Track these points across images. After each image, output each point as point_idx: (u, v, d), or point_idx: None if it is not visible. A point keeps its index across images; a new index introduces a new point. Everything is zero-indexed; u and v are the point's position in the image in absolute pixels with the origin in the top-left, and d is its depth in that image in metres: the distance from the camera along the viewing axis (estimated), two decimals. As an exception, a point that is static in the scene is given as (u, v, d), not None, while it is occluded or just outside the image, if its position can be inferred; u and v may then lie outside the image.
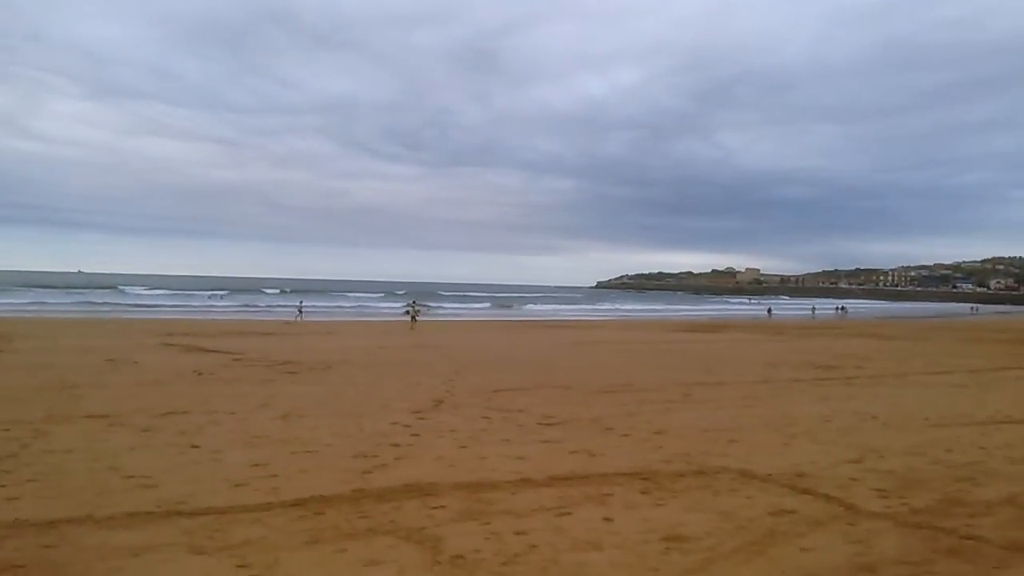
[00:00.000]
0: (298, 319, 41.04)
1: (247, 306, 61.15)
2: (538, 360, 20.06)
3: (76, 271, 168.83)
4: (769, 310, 74.46)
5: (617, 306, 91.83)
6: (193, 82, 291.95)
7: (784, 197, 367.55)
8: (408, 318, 37.87)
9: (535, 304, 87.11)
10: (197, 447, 8.23)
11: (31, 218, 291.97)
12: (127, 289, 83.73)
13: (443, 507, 5.98)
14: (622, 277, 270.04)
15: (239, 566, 4.67)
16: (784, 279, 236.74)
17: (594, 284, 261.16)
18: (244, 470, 7.17)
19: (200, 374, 15.15)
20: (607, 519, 5.74)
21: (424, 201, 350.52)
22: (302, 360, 18.18)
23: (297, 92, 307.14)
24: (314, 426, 9.64)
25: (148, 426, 9.40)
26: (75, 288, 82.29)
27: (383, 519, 5.66)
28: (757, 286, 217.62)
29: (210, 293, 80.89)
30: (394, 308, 61.99)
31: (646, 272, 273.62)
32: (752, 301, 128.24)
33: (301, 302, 48.17)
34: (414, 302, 40.88)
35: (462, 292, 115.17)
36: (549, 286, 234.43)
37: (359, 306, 67.84)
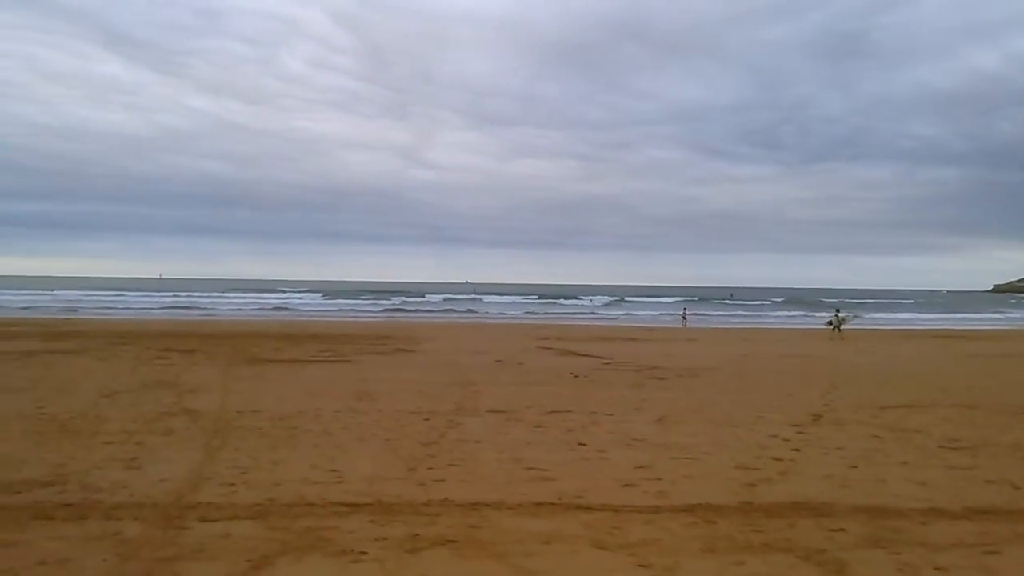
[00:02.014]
0: (684, 325, 42.59)
1: (628, 314, 63.46)
2: (930, 373, 17.85)
3: (464, 281, 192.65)
4: None
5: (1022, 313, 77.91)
6: (555, 105, 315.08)
7: None
8: (831, 328, 37.04)
9: (919, 312, 77.59)
10: (584, 445, 8.81)
11: (430, 237, 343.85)
12: (503, 297, 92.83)
13: (842, 530, 5.60)
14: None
15: (640, 565, 4.86)
16: None
17: (990, 288, 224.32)
18: (630, 471, 7.50)
19: (576, 376, 16.20)
20: (1052, 566, 4.88)
21: (781, 201, 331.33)
22: (669, 366, 18.44)
23: (650, 103, 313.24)
24: (690, 432, 9.73)
25: (539, 422, 10.32)
26: (467, 296, 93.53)
27: (777, 535, 5.47)
28: None
29: (589, 299, 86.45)
30: (774, 316, 60.21)
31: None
32: None
33: (685, 308, 49.33)
34: (837, 311, 39.75)
35: (838, 298, 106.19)
36: (934, 290, 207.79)
37: (734, 313, 66.43)
